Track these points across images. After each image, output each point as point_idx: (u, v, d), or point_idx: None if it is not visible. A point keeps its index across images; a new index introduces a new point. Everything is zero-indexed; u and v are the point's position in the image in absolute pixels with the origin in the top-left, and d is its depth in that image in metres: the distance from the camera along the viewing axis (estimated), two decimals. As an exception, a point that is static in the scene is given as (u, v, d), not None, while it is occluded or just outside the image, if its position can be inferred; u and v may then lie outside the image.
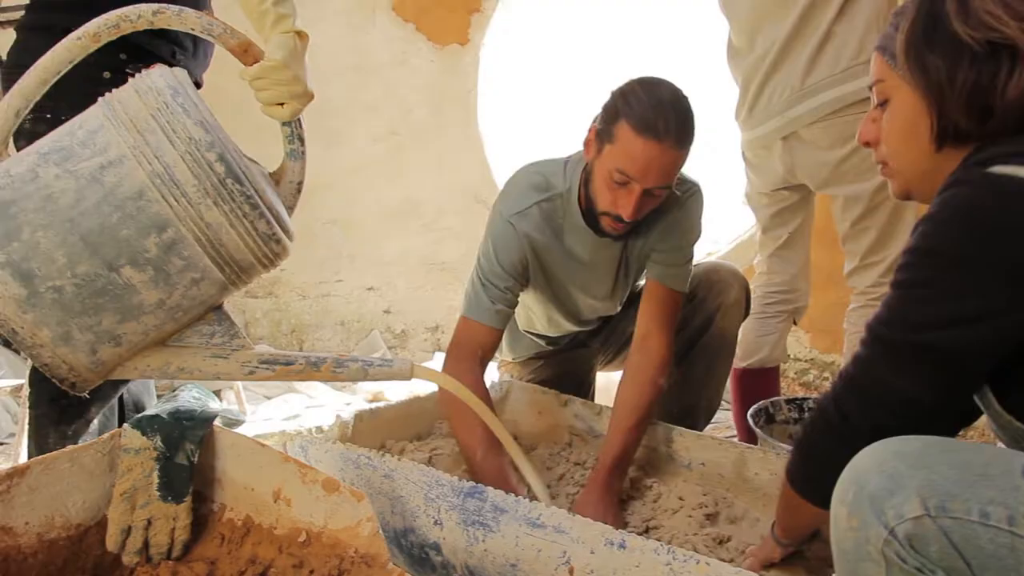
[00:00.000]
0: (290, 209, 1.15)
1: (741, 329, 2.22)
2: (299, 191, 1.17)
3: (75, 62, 1.02)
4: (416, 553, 1.32)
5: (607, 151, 1.50)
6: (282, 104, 1.11)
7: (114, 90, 1.01)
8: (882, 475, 0.81)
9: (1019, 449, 0.93)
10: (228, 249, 1.00)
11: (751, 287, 2.23)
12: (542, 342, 2.05)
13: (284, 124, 1.13)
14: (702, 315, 1.85)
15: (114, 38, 1.02)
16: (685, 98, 1.50)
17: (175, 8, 1.04)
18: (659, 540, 1.12)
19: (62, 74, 1.02)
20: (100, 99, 1.01)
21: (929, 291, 0.90)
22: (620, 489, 1.57)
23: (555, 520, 1.14)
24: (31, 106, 1.03)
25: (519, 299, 1.73)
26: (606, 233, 1.62)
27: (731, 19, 2.03)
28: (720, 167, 3.62)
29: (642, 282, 1.81)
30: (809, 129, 1.88)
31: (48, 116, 1.33)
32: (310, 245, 3.73)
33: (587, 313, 1.87)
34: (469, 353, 1.66)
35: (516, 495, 1.21)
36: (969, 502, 0.76)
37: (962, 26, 0.94)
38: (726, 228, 3.41)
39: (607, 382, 2.70)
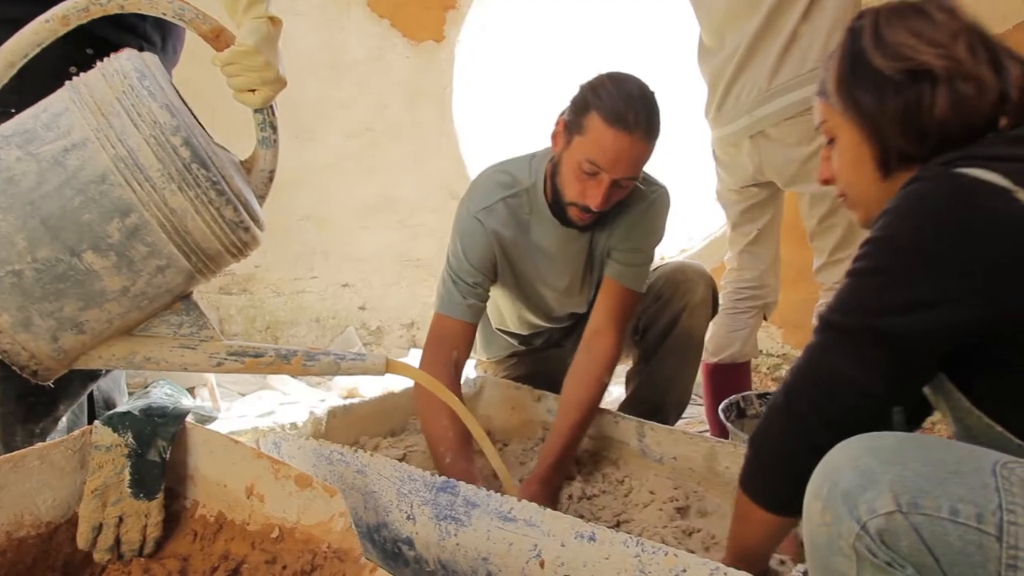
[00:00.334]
0: (261, 198, 1.13)
1: (712, 325, 2.25)
2: (271, 180, 1.15)
3: (43, 45, 1.00)
4: (389, 548, 1.33)
5: (576, 142, 1.53)
6: (253, 91, 1.09)
7: (82, 74, 0.99)
8: (856, 471, 0.82)
9: (977, 444, 0.94)
10: (194, 236, 0.98)
11: (721, 283, 2.27)
12: (515, 341, 2.06)
13: (256, 111, 1.11)
14: (668, 314, 1.87)
15: (84, 21, 1.00)
16: (652, 93, 1.54)
17: None
18: (629, 533, 1.14)
19: (29, 57, 1.00)
20: (67, 82, 0.99)
21: (887, 277, 0.92)
22: (559, 484, 1.60)
23: (526, 514, 1.15)
24: None
25: (490, 294, 1.76)
26: (573, 224, 1.66)
27: (702, 18, 2.06)
28: (692, 165, 3.65)
29: None
30: (776, 127, 1.91)
31: (12, 112, 1.31)
32: (284, 242, 3.71)
33: (557, 309, 1.89)
34: (444, 349, 1.68)
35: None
36: (940, 499, 0.77)
37: (881, 59, 1.00)
38: (699, 225, 3.44)
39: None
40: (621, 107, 1.48)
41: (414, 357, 3.31)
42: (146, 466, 1.19)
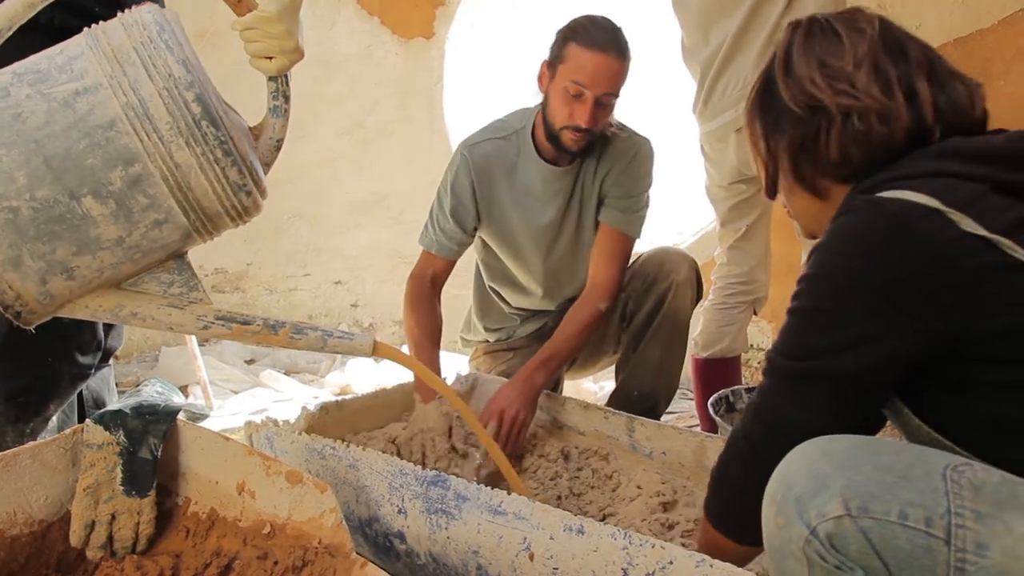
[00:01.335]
0: (267, 166, 1.12)
1: (702, 319, 2.26)
2: (278, 149, 1.14)
3: (22, 21, 0.99)
4: (381, 542, 1.34)
5: (560, 71, 1.73)
6: (271, 58, 1.08)
7: (102, 23, 0.98)
8: (809, 476, 0.82)
9: None
10: (195, 193, 0.98)
11: (712, 278, 2.28)
12: (505, 307, 2.13)
13: (270, 79, 1.11)
14: (654, 296, 1.90)
15: None
16: (621, 28, 1.76)
17: None
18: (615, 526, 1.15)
19: (15, 26, 0.99)
20: (85, 29, 0.98)
21: (825, 317, 0.91)
22: (541, 385, 1.74)
23: (516, 507, 1.17)
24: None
25: (475, 236, 1.96)
26: (564, 150, 1.79)
27: (682, 19, 2.07)
28: (681, 160, 3.66)
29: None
30: None
31: None
32: (276, 239, 3.71)
33: (539, 260, 1.97)
34: (423, 280, 1.94)
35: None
36: (889, 503, 0.78)
37: (785, 91, 1.02)
38: (689, 220, 3.45)
39: (576, 390, 2.74)
40: (594, 33, 1.70)
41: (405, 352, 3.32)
42: (138, 464, 1.19)
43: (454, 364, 2.46)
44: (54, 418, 1.52)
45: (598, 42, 1.69)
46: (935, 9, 2.41)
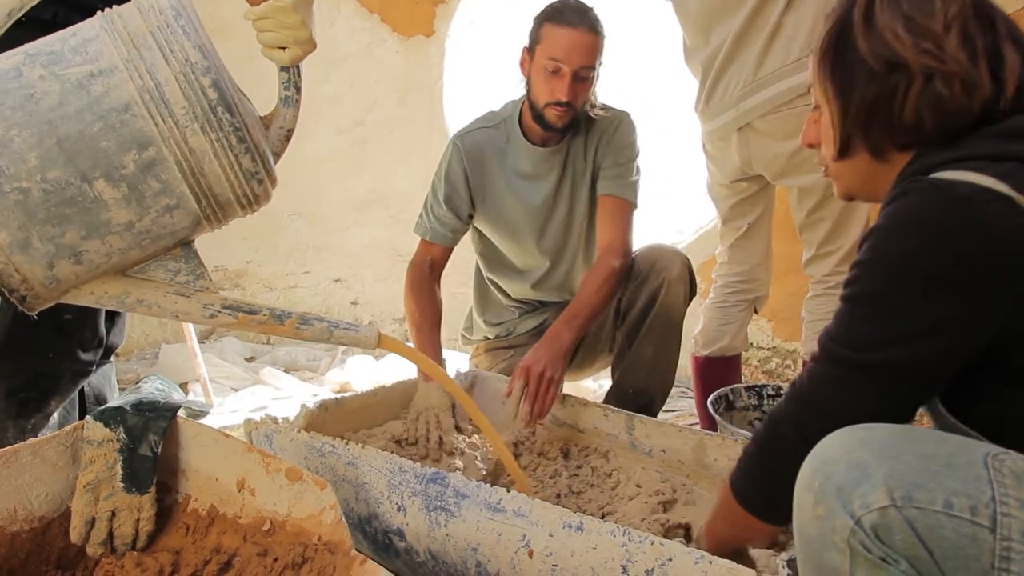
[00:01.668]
0: (277, 156, 1.12)
1: (702, 317, 2.26)
2: (288, 139, 1.14)
3: (24, 8, 0.99)
4: (380, 539, 1.34)
5: (538, 51, 1.83)
6: (284, 48, 1.08)
7: (117, 7, 0.98)
8: (849, 464, 0.81)
9: None
10: (208, 180, 0.97)
11: (712, 276, 2.28)
12: (504, 299, 2.15)
13: (282, 69, 1.11)
14: (647, 293, 1.90)
15: None
16: (592, 8, 1.86)
17: None
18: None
19: (14, 18, 0.98)
20: (99, 12, 0.97)
21: (879, 306, 0.90)
22: (569, 342, 1.75)
23: (515, 504, 1.17)
24: None
25: (471, 224, 2.03)
26: (549, 127, 1.87)
27: (683, 20, 2.07)
28: (682, 159, 3.66)
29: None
30: (763, 120, 1.92)
31: None
32: (276, 237, 3.71)
33: (533, 244, 2.02)
34: (421, 267, 2.00)
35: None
36: (934, 492, 0.77)
37: (864, 43, 0.96)
38: (689, 219, 3.45)
39: (575, 388, 2.74)
40: (566, 12, 1.81)
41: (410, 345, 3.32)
42: (138, 460, 1.20)
43: (455, 362, 2.46)
44: (55, 415, 1.53)
45: (570, 19, 1.79)
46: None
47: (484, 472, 1.66)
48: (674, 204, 3.55)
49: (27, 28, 1.34)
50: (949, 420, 0.93)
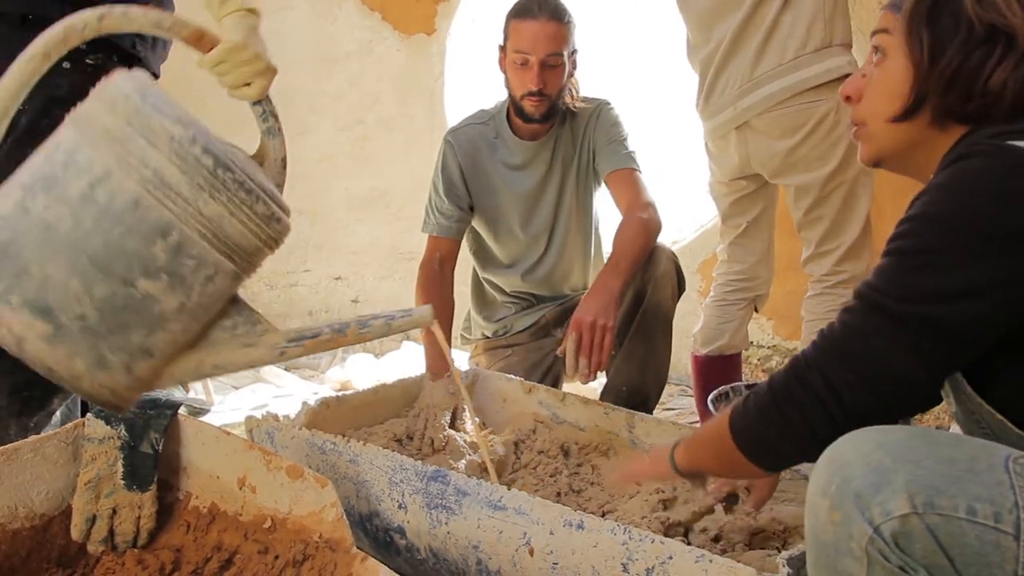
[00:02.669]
0: (279, 186, 1.14)
1: (702, 315, 2.26)
2: (284, 166, 1.16)
3: (31, 85, 0.99)
4: (381, 537, 1.34)
5: (508, 47, 1.91)
6: (248, 84, 1.10)
7: (80, 106, 0.98)
8: (867, 469, 0.78)
9: (978, 428, 0.93)
10: (233, 239, 0.99)
11: (713, 275, 2.28)
12: (499, 296, 2.16)
13: (255, 104, 1.12)
14: (634, 291, 1.90)
15: (64, 52, 1.00)
16: None
17: (120, 9, 1.01)
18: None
19: (22, 99, 0.99)
20: (67, 117, 0.98)
21: (935, 259, 0.86)
22: (618, 288, 1.75)
23: (516, 502, 1.17)
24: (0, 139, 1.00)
25: (468, 217, 2.05)
26: (528, 119, 1.93)
27: (687, 15, 2.07)
28: (682, 157, 3.66)
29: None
30: (760, 119, 1.93)
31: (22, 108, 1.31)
32: (277, 235, 3.70)
33: (523, 236, 2.06)
34: (431, 265, 2.02)
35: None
36: (957, 498, 0.74)
37: (973, 3, 0.93)
38: (690, 217, 3.45)
39: (575, 386, 2.74)
40: (527, 5, 1.88)
41: (407, 350, 3.33)
42: (139, 458, 1.20)
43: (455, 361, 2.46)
44: (57, 412, 1.53)
45: (530, 11, 1.87)
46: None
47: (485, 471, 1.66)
48: (674, 202, 3.55)
49: (34, 26, 1.34)
50: (975, 400, 0.91)
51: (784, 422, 0.94)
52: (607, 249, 2.13)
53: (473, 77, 3.72)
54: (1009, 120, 0.92)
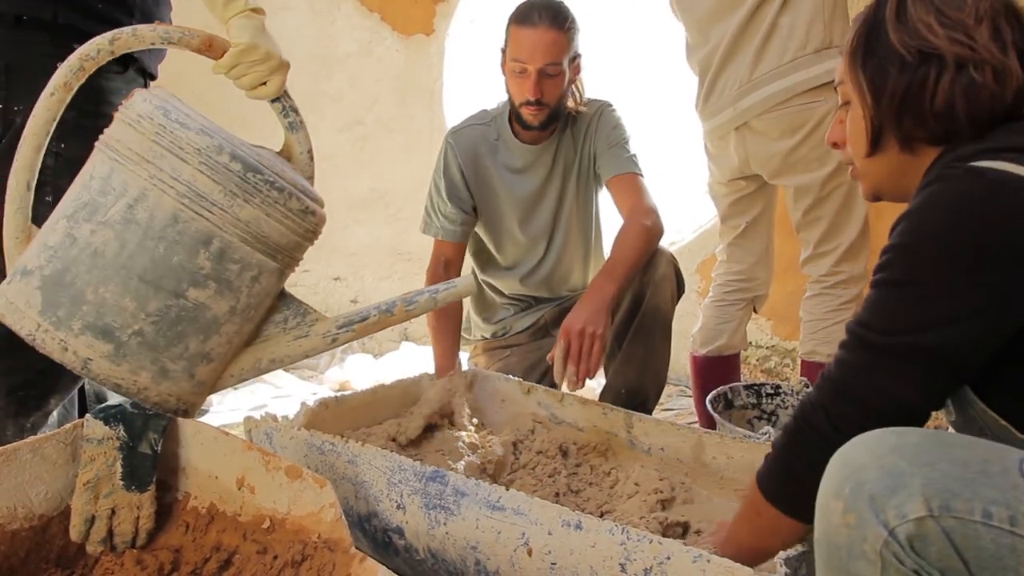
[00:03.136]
0: (310, 178, 1.17)
1: (701, 316, 2.27)
2: (312, 158, 1.19)
3: (57, 118, 1.04)
4: (380, 537, 1.34)
5: (507, 54, 1.88)
6: (265, 83, 1.12)
7: (106, 131, 1.02)
8: (882, 471, 0.78)
9: (979, 433, 0.93)
10: (273, 238, 1.03)
11: (712, 275, 2.29)
12: (498, 297, 2.15)
13: (274, 101, 1.14)
14: (632, 294, 1.90)
15: (83, 81, 1.04)
16: (557, 1, 1.87)
17: (128, 30, 1.04)
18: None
19: (51, 135, 1.04)
20: (97, 144, 1.02)
21: (919, 290, 0.88)
22: (611, 294, 1.72)
23: (514, 503, 1.17)
24: (37, 174, 1.04)
25: (470, 215, 2.02)
26: (533, 137, 1.93)
27: (685, 17, 2.07)
28: (681, 158, 3.66)
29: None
30: (759, 119, 1.93)
31: (18, 108, 1.32)
32: (276, 235, 3.70)
33: (523, 238, 2.05)
34: (436, 271, 2.00)
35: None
36: (972, 501, 0.75)
37: (896, 34, 0.98)
38: (689, 218, 3.45)
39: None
40: (525, 11, 1.84)
41: (406, 349, 3.33)
42: (138, 458, 1.20)
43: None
44: (54, 413, 1.53)
45: (530, 18, 1.82)
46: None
47: (484, 471, 1.66)
48: (673, 203, 3.55)
49: (29, 27, 1.35)
50: (978, 406, 0.92)
51: (803, 466, 0.95)
52: (607, 249, 2.14)
53: (472, 78, 3.72)
54: (980, 134, 0.94)
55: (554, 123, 1.95)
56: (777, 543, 1.04)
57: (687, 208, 3.53)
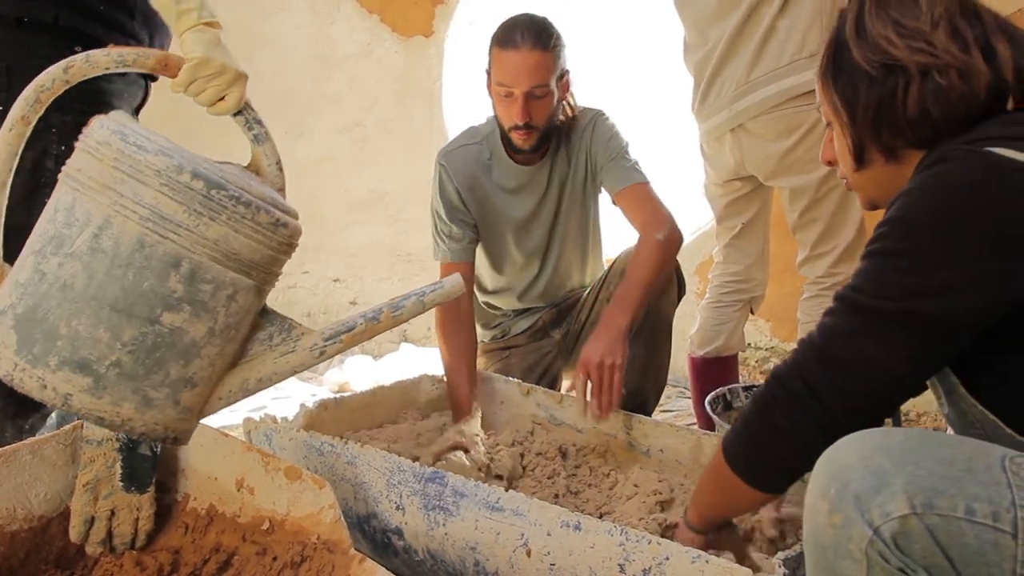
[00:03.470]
0: (280, 190, 1.13)
1: (698, 317, 2.27)
2: (281, 169, 1.15)
3: (19, 152, 1.03)
4: (379, 538, 1.35)
5: (491, 77, 1.82)
6: (223, 98, 1.09)
7: (67, 162, 1.00)
8: (866, 471, 0.79)
9: (971, 428, 0.94)
10: (244, 254, 1.00)
11: (709, 277, 2.29)
12: (495, 311, 2.14)
13: (236, 115, 1.12)
14: None
15: (41, 113, 1.03)
16: (541, 16, 1.81)
17: (81, 57, 1.03)
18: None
19: (13, 169, 1.03)
20: (60, 176, 1.01)
21: (910, 259, 0.89)
22: (625, 324, 1.69)
23: (513, 504, 1.17)
24: (4, 213, 1.04)
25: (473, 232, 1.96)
26: (521, 150, 1.86)
27: (686, 17, 2.08)
28: (678, 160, 3.66)
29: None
30: (755, 121, 1.93)
31: (1, 109, 1.32)
32: (275, 237, 3.70)
33: (518, 256, 2.01)
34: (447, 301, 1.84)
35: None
36: (955, 498, 0.75)
37: (858, 51, 1.00)
38: (686, 220, 3.46)
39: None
40: (507, 32, 1.76)
41: (405, 351, 3.33)
42: (137, 460, 1.20)
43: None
44: (53, 414, 1.53)
45: (512, 40, 1.74)
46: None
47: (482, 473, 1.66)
48: (671, 205, 3.55)
49: (30, 29, 1.35)
50: (968, 401, 0.93)
51: (769, 430, 0.97)
52: (607, 250, 2.13)
53: (471, 79, 3.72)
54: (963, 131, 0.95)
55: (546, 144, 1.90)
56: (737, 508, 1.08)
57: (684, 210, 3.53)
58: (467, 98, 3.74)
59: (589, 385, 1.64)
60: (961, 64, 0.94)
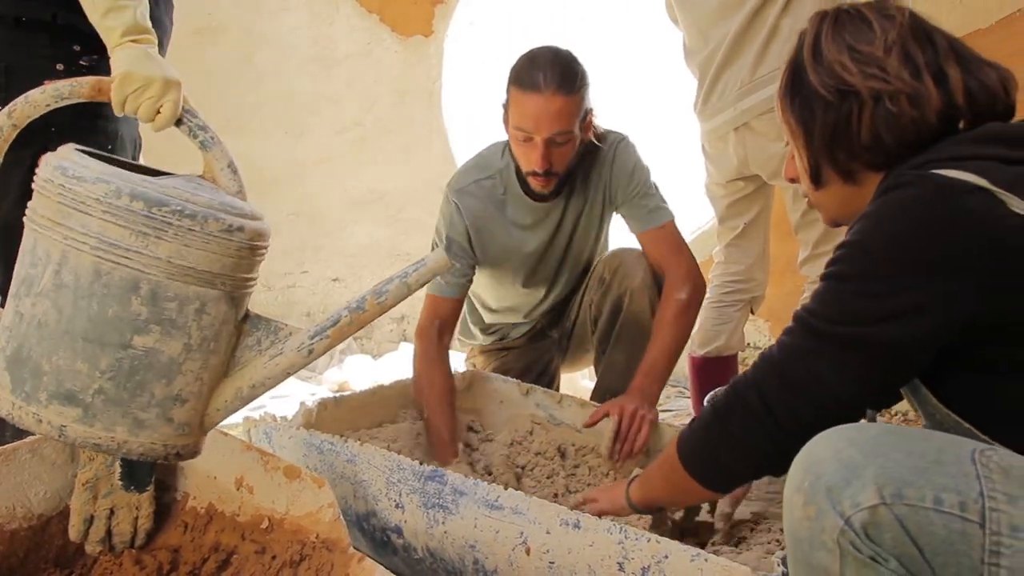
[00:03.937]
0: (238, 193, 1.11)
1: (699, 317, 2.27)
2: (235, 171, 1.12)
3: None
4: (378, 536, 1.35)
5: (509, 117, 1.69)
6: (159, 110, 1.07)
7: (28, 205, 1.02)
8: (838, 464, 0.81)
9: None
10: (201, 266, 0.99)
11: (709, 276, 2.29)
12: (495, 330, 2.13)
13: (178, 124, 1.10)
14: (611, 302, 1.88)
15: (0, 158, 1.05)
16: (566, 52, 1.68)
17: (20, 100, 1.05)
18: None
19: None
20: (24, 219, 1.02)
21: (865, 284, 0.91)
22: (656, 392, 1.71)
23: (513, 502, 1.17)
24: None
25: (472, 269, 1.90)
26: (540, 194, 1.79)
27: (684, 19, 2.08)
28: (679, 160, 3.67)
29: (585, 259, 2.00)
30: (759, 120, 1.94)
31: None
32: (275, 237, 3.64)
33: (523, 286, 1.98)
34: (429, 334, 1.87)
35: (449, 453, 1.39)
36: (923, 489, 0.77)
37: (814, 76, 1.02)
38: (687, 220, 3.46)
39: (573, 387, 2.74)
40: (529, 72, 1.62)
41: (405, 351, 3.33)
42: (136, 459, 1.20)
43: (452, 361, 2.46)
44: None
45: (535, 82, 1.61)
46: (933, 9, 2.41)
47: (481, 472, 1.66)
48: (672, 205, 3.55)
49: (28, 29, 1.35)
50: (940, 409, 0.94)
51: (726, 438, 1.01)
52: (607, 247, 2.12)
53: (471, 79, 3.73)
54: (916, 153, 0.96)
55: (565, 186, 1.82)
56: (683, 502, 1.16)
57: (685, 210, 3.54)
58: (467, 98, 3.75)
59: (614, 426, 1.64)
60: (912, 90, 0.96)
